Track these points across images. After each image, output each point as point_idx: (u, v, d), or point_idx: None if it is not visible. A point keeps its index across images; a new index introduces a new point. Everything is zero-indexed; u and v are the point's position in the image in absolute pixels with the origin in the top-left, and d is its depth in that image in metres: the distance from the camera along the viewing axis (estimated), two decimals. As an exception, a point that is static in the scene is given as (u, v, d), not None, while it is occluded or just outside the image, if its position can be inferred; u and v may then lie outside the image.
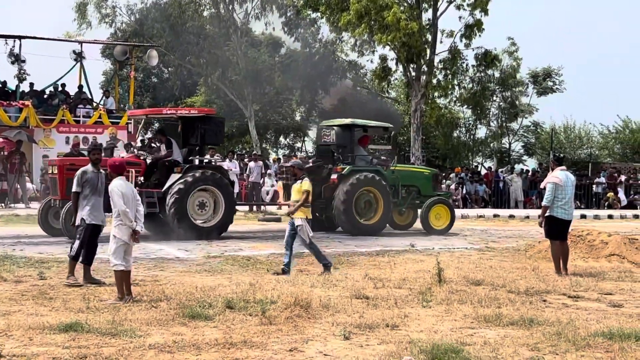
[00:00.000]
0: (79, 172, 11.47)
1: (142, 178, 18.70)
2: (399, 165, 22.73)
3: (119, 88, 36.89)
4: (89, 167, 11.47)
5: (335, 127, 21.49)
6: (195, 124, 19.02)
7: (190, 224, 18.05)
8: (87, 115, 31.16)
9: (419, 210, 21.59)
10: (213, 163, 20.07)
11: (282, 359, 7.14)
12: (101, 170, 11.59)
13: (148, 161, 18.95)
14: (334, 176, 20.57)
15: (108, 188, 10.24)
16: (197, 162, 19.07)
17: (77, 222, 11.23)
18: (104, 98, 32.91)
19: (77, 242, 11.20)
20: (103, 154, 14.59)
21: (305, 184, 12.97)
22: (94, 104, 32.22)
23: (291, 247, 13.01)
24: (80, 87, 32.30)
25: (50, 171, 18.72)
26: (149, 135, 32.34)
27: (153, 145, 20.24)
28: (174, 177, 18.30)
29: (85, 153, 22.66)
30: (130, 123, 31.17)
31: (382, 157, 22.04)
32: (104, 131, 30.50)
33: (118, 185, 10.07)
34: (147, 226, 18.96)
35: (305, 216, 12.89)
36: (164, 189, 18.21)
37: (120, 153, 25.64)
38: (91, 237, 11.23)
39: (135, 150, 20.64)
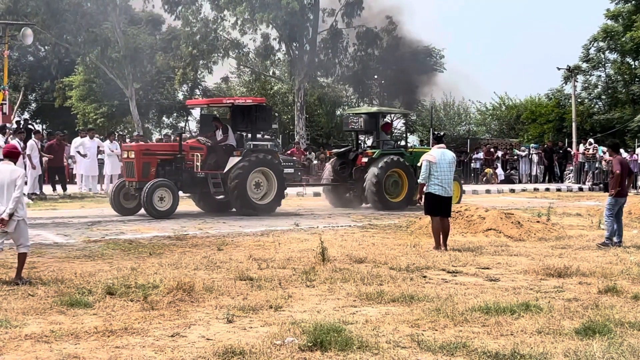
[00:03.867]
0: None
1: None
2: (417, 147, 26.16)
3: (-8, 67, 35.50)
4: None
5: (362, 115, 24.00)
6: (248, 111, 20.78)
7: (248, 201, 20.05)
8: (-42, 97, 29.89)
9: None
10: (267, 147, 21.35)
11: (164, 345, 7.04)
12: None
13: (208, 145, 20.63)
14: (364, 159, 23.03)
15: None
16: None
17: None
18: (-25, 78, 31.63)
19: None
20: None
21: None
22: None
23: None
24: (-49, 67, 30.97)
25: (125, 155, 20.27)
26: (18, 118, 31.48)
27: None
28: (233, 160, 20.17)
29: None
30: (5, 104, 30.06)
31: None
32: (-23, 113, 29.35)
33: None
34: (202, 205, 21.15)
35: None
36: (225, 171, 20.06)
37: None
38: None
39: (10, 131, 20.58)
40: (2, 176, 9.85)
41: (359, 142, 24.52)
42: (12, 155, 10.26)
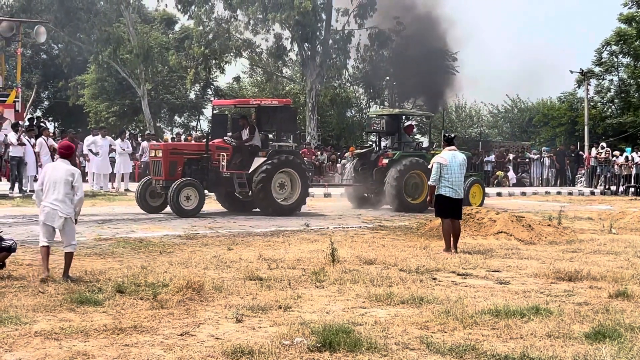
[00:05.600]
0: None
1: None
2: (438, 149, 25.45)
3: (6, 65, 35.61)
4: None
5: (385, 116, 24.23)
6: (273, 113, 20.87)
7: (272, 201, 20.16)
8: (-29, 94, 29.94)
9: None
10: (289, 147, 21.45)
11: (173, 343, 7.05)
12: None
13: (234, 145, 20.68)
14: (385, 160, 23.13)
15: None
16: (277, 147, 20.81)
17: None
18: (-12, 76, 31.69)
19: None
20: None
21: None
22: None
23: None
24: (-35, 64, 31.05)
25: (153, 154, 20.39)
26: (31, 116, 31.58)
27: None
28: (259, 160, 20.28)
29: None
30: (18, 101, 30.12)
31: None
32: (-10, 110, 29.38)
33: None
34: (226, 204, 21.17)
35: None
36: (251, 171, 20.16)
37: (7, 133, 24.85)
38: None
39: (22, 128, 20.59)
40: (58, 173, 10.05)
41: (381, 143, 24.53)
42: (67, 154, 10.36)
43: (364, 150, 24.79)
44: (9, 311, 8.06)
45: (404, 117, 24.85)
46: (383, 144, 24.61)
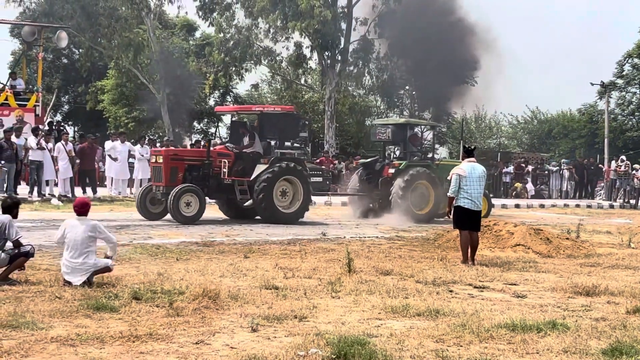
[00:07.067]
0: None
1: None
2: (444, 160, 25.97)
3: (27, 69, 35.86)
4: None
5: (390, 126, 24.11)
6: (276, 119, 20.94)
7: (274, 209, 20.04)
8: (-8, 97, 30.12)
9: None
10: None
11: (187, 352, 7.05)
12: None
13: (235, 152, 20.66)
14: (390, 170, 23.01)
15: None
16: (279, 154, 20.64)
17: None
18: (10, 80, 31.88)
19: None
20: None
21: None
22: (1, 86, 31.21)
23: None
24: (-14, 67, 31.31)
25: (154, 160, 20.36)
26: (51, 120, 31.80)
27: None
28: (260, 167, 20.18)
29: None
30: (38, 105, 30.31)
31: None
32: (10, 113, 29.56)
33: None
34: (227, 211, 21.39)
35: None
36: (252, 178, 20.05)
37: (28, 137, 25.00)
38: None
39: (42, 132, 20.70)
40: (77, 232, 10.08)
41: (388, 153, 24.40)
42: (83, 212, 10.33)
43: (368, 160, 24.71)
44: (26, 316, 8.09)
45: (409, 126, 24.67)
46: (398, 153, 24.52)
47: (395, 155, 24.25)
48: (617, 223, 24.59)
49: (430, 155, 24.73)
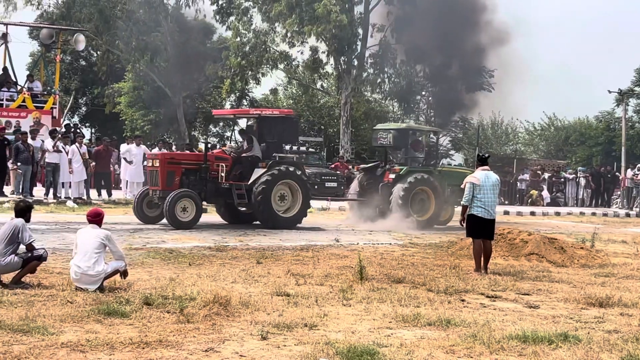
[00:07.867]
0: None
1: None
2: (445, 166, 25.96)
3: (45, 71, 36.05)
4: None
5: (392, 131, 23.74)
6: (274, 123, 20.80)
7: (272, 213, 19.91)
8: (10, 99, 30.32)
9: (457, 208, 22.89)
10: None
11: (197, 359, 7.05)
12: None
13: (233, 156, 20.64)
14: (391, 176, 22.73)
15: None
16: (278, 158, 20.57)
17: None
18: (28, 82, 32.08)
19: None
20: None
21: None
22: (18, 87, 31.40)
23: None
24: (5, 69, 31.44)
25: (150, 164, 20.37)
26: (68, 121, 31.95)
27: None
28: (259, 171, 20.04)
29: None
30: (55, 108, 30.46)
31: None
32: (28, 115, 29.73)
33: None
34: (225, 216, 21.39)
35: None
36: (251, 182, 19.88)
37: (45, 139, 25.15)
38: None
39: (59, 135, 20.81)
40: (87, 236, 10.15)
41: (389, 158, 24.10)
42: (96, 222, 10.39)
43: (369, 165, 24.47)
44: (37, 321, 8.11)
45: (411, 132, 24.40)
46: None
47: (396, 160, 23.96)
48: (633, 232, 24.42)
49: (432, 162, 24.45)
